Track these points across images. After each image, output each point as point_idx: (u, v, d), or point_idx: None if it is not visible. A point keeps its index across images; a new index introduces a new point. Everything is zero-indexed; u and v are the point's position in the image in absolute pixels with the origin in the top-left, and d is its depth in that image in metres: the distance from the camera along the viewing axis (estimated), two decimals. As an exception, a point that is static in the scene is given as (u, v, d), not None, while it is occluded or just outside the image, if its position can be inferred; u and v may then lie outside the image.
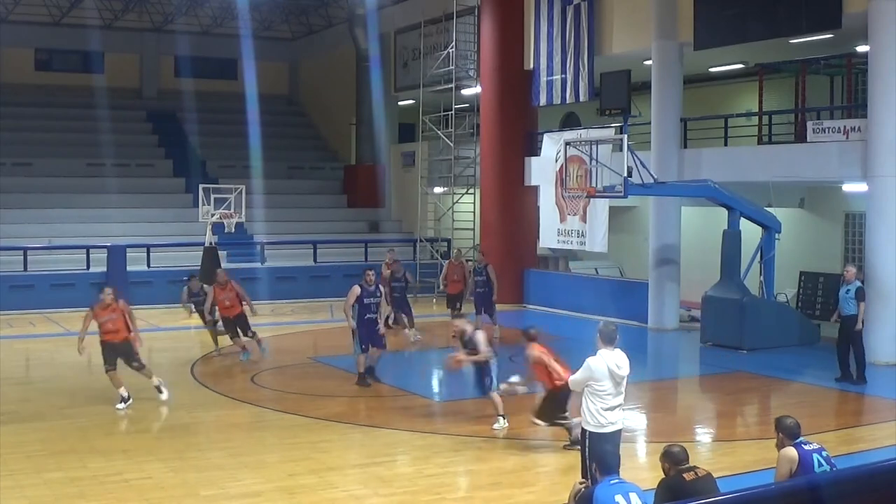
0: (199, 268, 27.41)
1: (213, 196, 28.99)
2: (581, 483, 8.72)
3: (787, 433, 8.66)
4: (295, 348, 21.68)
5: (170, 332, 24.45)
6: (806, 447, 8.57)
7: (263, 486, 11.74)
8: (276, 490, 11.58)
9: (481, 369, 14.47)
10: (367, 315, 16.98)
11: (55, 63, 41.22)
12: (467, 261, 23.97)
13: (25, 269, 28.87)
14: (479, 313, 21.78)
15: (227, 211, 28.74)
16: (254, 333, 19.97)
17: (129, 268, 29.32)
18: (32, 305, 26.88)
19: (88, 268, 29.21)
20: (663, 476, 8.37)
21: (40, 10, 38.05)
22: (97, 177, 34.30)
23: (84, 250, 29.53)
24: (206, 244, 28.49)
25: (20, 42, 39.25)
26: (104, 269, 29.05)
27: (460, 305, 22.11)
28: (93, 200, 33.18)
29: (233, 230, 29.66)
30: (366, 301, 16.97)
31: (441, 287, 23.74)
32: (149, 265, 30.08)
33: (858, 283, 17.48)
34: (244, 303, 19.83)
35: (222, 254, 29.43)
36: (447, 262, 24.45)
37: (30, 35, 39.32)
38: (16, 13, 37.84)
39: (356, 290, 17.00)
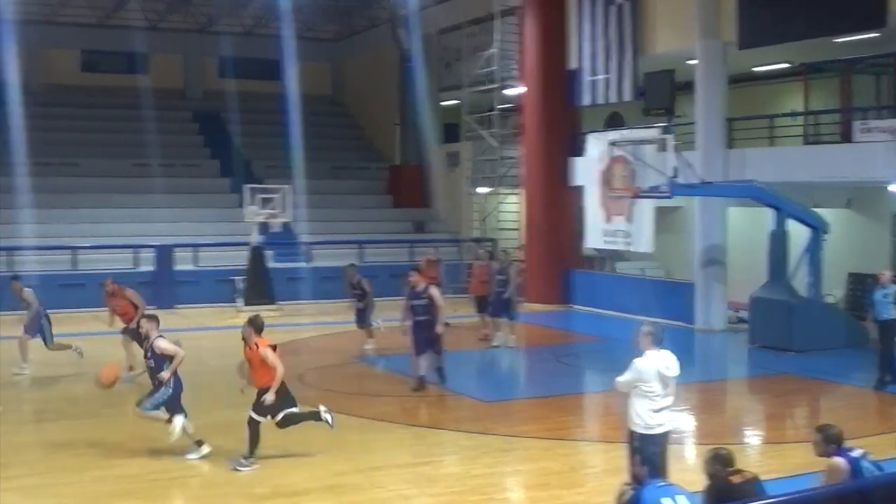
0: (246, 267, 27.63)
1: (258, 196, 29.18)
2: (627, 485, 8.72)
3: (832, 441, 8.57)
4: (341, 348, 21.75)
5: (216, 331, 24.63)
6: (851, 454, 8.50)
7: (311, 484, 11.84)
8: (324, 489, 11.67)
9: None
10: (415, 318, 16.93)
11: (101, 64, 41.63)
12: (513, 260, 23.83)
13: (74, 267, 29.21)
14: (494, 314, 21.71)
15: (272, 210, 28.92)
16: None
17: (175, 267, 29.60)
18: (81, 304, 27.14)
19: (136, 267, 29.50)
20: (709, 479, 8.36)
21: (86, 11, 38.44)
22: (144, 177, 34.61)
23: (132, 250, 29.84)
24: (252, 244, 28.69)
25: (67, 43, 39.72)
26: (151, 268, 29.35)
27: (488, 307, 22.00)
28: (139, 200, 33.51)
29: (278, 230, 29.82)
30: (413, 303, 16.94)
31: (468, 288, 23.38)
32: (196, 265, 30.34)
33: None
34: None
35: (268, 254, 29.61)
36: (476, 262, 24.30)
37: (76, 36, 39.76)
38: (62, 14, 38.26)
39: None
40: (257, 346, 12.57)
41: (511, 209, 33.05)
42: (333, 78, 44.62)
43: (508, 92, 31.68)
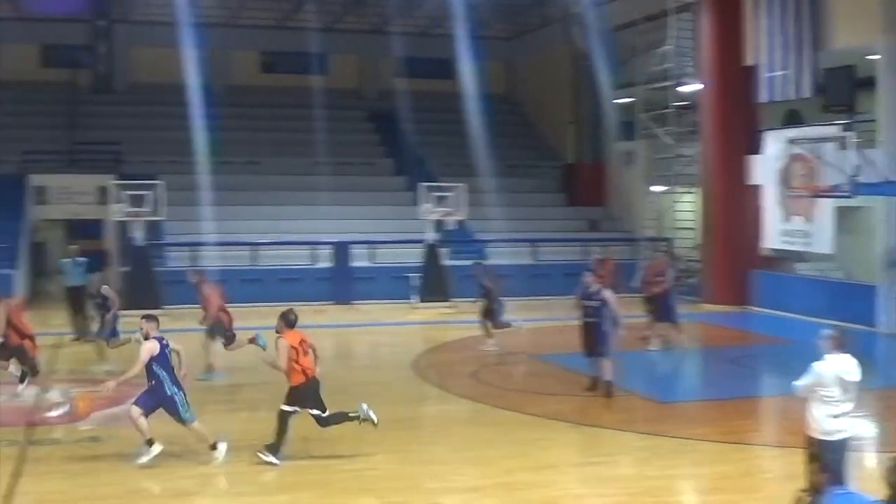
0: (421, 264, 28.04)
1: (433, 194, 29.55)
2: (803, 492, 8.52)
3: None
4: (515, 346, 21.81)
5: (393, 326, 25.06)
6: None
7: (483, 481, 11.96)
8: (496, 486, 11.77)
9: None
10: (585, 318, 16.84)
11: (280, 65, 42.72)
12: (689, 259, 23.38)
13: (255, 263, 30.17)
14: (659, 316, 21.33)
15: (447, 208, 29.25)
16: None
17: (352, 264, 30.24)
18: (261, 299, 27.98)
19: (314, 263, 30.26)
20: (890, 489, 8.08)
21: (265, 13, 39.56)
22: (322, 175, 35.41)
23: (310, 246, 30.62)
24: (428, 241, 29.08)
25: (247, 45, 40.95)
26: (329, 264, 30.05)
27: (660, 308, 21.68)
28: (317, 198, 34.29)
29: (453, 228, 30.13)
30: (584, 304, 16.81)
31: (641, 288, 23.18)
32: (372, 261, 30.93)
33: None
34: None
35: (444, 251, 29.95)
36: (650, 261, 23.92)
37: (256, 38, 40.95)
38: (243, 17, 39.47)
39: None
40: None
41: (687, 208, 32.59)
42: (507, 76, 44.75)
43: (684, 89, 31.25)
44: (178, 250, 30.29)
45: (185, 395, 12.44)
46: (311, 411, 12.55)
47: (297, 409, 12.47)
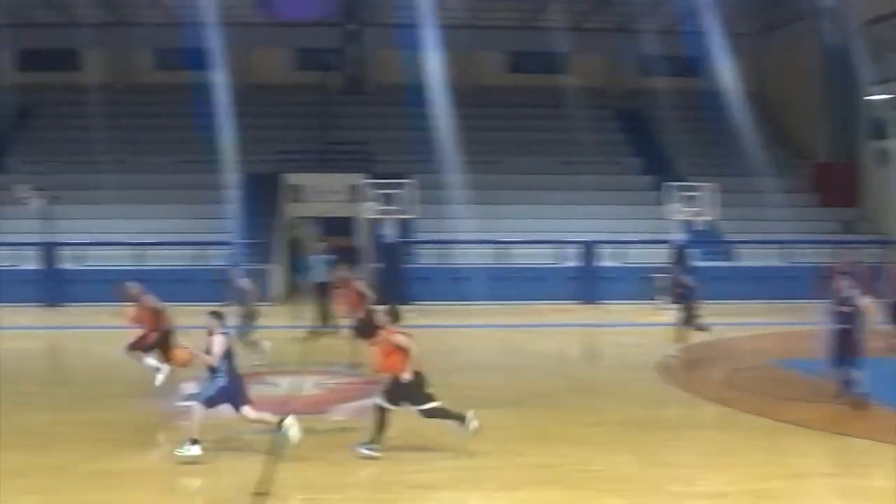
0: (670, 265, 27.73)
1: (681, 194, 29.14)
2: None
3: None
4: (762, 349, 21.28)
5: (639, 327, 24.86)
6: None
7: (730, 487, 11.70)
8: (743, 493, 11.49)
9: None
10: (836, 324, 16.07)
11: (524, 65, 42.98)
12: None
13: (503, 262, 30.50)
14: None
15: (695, 208, 28.79)
16: None
17: (599, 263, 30.16)
18: (508, 297, 28.33)
19: (561, 262, 30.35)
20: None
21: (510, 14, 39.91)
22: (568, 174, 35.48)
23: (556, 245, 30.71)
24: (676, 242, 28.71)
25: (492, 45, 41.42)
26: (576, 263, 30.08)
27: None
28: (563, 197, 34.38)
29: (701, 228, 29.63)
30: (836, 309, 16.12)
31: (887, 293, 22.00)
32: (619, 261, 30.74)
33: None
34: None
35: (692, 252, 29.48)
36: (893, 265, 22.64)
37: (501, 38, 41.31)
38: (487, 18, 39.94)
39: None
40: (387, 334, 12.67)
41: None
42: (755, 73, 43.52)
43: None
44: (427, 248, 31.00)
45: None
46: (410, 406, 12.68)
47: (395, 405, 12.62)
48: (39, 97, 38.03)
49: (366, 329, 13.71)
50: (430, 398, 12.68)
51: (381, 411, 12.59)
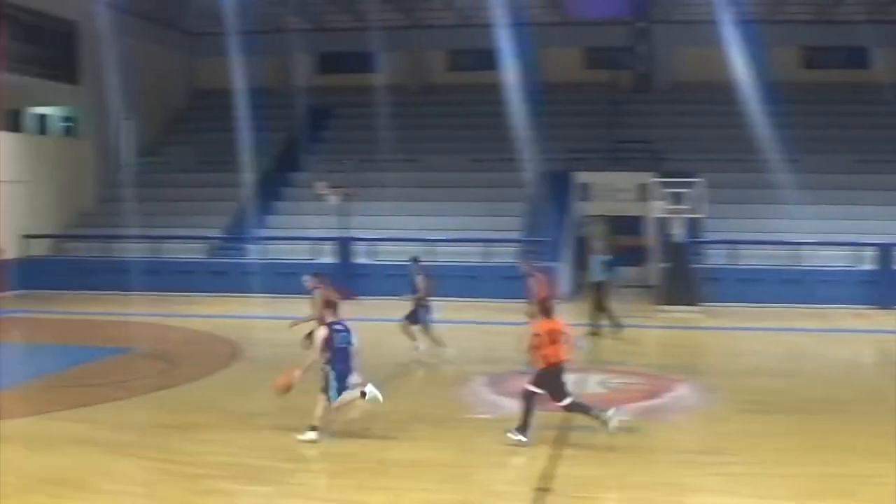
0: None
1: None
2: None
3: None
4: None
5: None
6: None
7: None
8: None
9: None
10: None
11: (820, 60, 41.26)
12: None
13: (794, 263, 29.57)
14: None
15: None
16: None
17: (897, 266, 28.79)
18: (799, 300, 27.49)
19: (857, 265, 29.15)
20: None
21: (805, 7, 38.55)
22: (864, 174, 33.97)
23: (852, 247, 29.50)
24: None
25: (786, 40, 40.07)
26: (873, 266, 28.81)
27: None
28: (861, 197, 32.92)
29: None
30: None
31: None
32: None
33: None
34: None
35: None
36: None
37: (795, 33, 39.94)
38: (782, 12, 38.71)
39: None
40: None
41: None
42: None
43: None
44: (715, 248, 30.49)
45: (342, 375, 13.06)
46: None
47: (540, 391, 12.93)
48: (336, 98, 39.91)
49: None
50: (566, 393, 13.07)
51: (529, 396, 12.96)
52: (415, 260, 20.68)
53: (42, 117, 38.83)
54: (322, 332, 13.28)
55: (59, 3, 33.67)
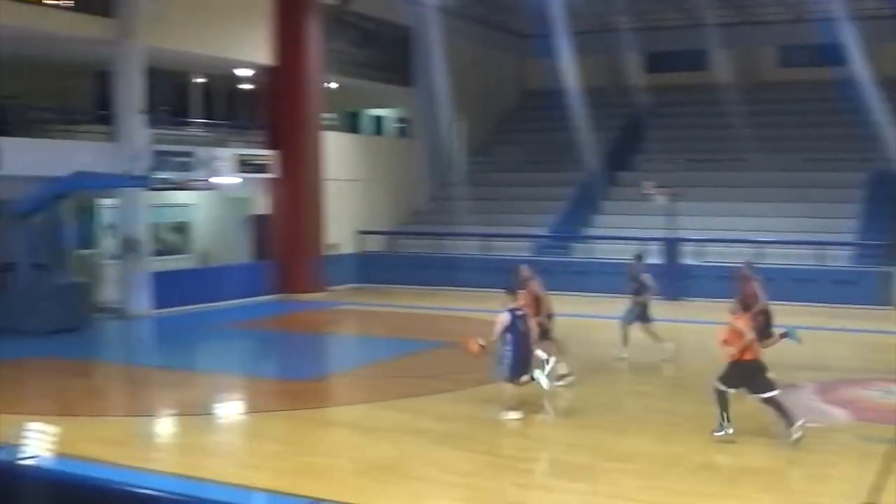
0: None
1: None
2: None
3: None
4: None
5: None
6: None
7: None
8: None
9: None
10: None
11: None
12: None
13: None
14: None
15: None
16: None
17: None
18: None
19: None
20: None
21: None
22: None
23: None
24: None
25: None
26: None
27: None
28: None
29: None
30: None
31: None
32: None
33: None
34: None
35: None
36: None
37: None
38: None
39: None
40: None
41: None
42: None
43: None
44: None
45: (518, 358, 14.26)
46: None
47: (730, 387, 13.04)
48: (664, 97, 39.44)
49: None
50: (770, 387, 13.05)
51: (720, 394, 13.09)
52: (638, 257, 20.36)
53: (378, 119, 40.69)
54: (504, 318, 14.38)
55: (395, 9, 35.07)
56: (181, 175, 23.01)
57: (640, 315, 19.52)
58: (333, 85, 32.87)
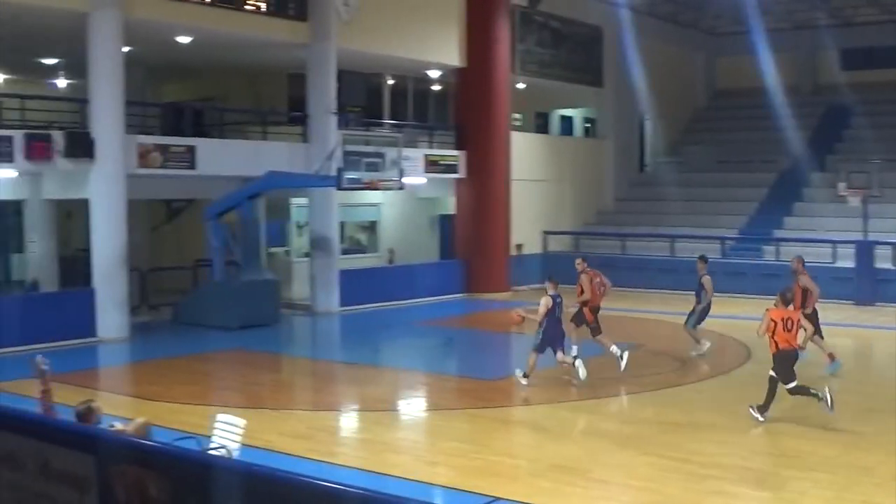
0: None
1: None
2: None
3: None
4: None
5: None
6: None
7: None
8: None
9: None
10: None
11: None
12: None
13: None
14: None
15: None
16: None
17: None
18: None
19: None
20: None
21: None
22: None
23: None
24: None
25: None
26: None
27: None
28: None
29: None
30: None
31: None
32: None
33: None
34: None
35: None
36: None
37: None
38: None
39: None
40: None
41: None
42: None
43: None
44: None
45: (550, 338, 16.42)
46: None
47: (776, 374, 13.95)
48: (860, 95, 37.93)
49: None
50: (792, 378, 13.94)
51: (772, 381, 13.98)
52: (703, 259, 20.11)
53: (567, 119, 40.54)
54: (547, 301, 16.38)
55: (584, 9, 34.85)
56: (371, 175, 23.36)
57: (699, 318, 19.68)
58: (521, 85, 32.91)
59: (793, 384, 13.94)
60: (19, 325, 19.93)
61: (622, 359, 17.46)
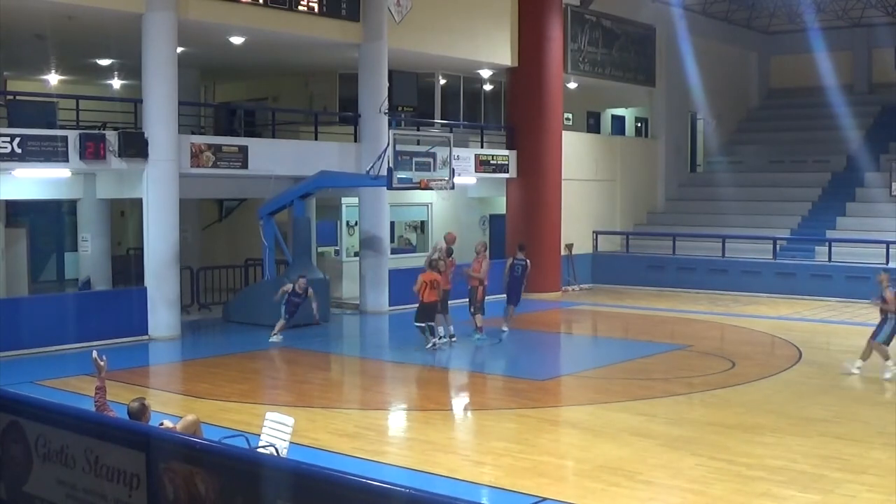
0: None
1: None
2: None
3: None
4: None
5: None
6: None
7: None
8: None
9: None
10: None
11: None
12: None
13: None
14: None
15: None
16: None
17: None
18: None
19: None
20: None
21: None
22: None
23: None
24: None
25: None
26: None
27: None
28: None
29: None
30: None
31: None
32: None
33: None
34: None
35: None
36: None
37: None
38: None
39: None
40: None
41: None
42: None
43: None
44: None
45: None
46: None
47: None
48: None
49: None
50: None
51: None
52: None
53: (619, 118, 40.37)
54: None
55: (637, 8, 34.68)
56: (421, 175, 23.39)
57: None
58: (572, 85, 32.84)
59: None
60: (73, 323, 20.24)
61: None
